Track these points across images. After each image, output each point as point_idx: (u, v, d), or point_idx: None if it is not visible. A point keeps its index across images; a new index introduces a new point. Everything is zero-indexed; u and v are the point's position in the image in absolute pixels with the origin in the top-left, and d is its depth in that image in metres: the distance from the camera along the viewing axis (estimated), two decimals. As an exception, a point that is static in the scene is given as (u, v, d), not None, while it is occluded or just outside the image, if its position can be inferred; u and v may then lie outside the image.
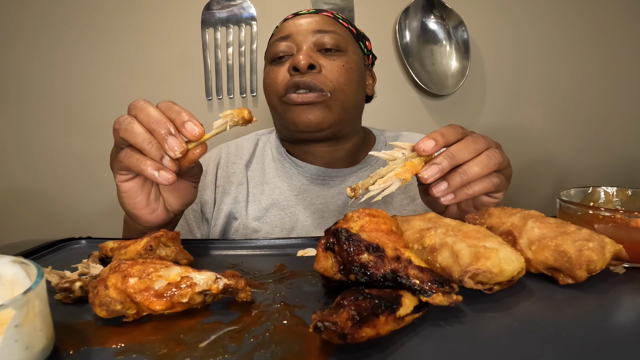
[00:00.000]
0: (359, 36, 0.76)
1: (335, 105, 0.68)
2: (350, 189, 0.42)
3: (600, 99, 1.38)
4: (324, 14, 0.74)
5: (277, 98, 0.70)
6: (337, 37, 0.70)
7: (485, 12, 1.30)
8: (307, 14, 0.73)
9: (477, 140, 0.45)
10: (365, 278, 0.31)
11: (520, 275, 0.34)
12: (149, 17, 1.20)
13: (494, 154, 0.45)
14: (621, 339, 0.28)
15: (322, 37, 0.69)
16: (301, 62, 0.65)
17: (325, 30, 0.70)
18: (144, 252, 0.40)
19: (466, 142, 0.44)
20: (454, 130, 0.45)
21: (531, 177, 1.37)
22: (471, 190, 0.44)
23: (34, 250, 0.49)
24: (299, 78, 0.66)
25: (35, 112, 1.21)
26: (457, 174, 0.43)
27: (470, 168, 0.43)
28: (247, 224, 0.71)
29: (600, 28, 1.35)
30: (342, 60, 0.69)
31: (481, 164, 0.44)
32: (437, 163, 0.42)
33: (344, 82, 0.68)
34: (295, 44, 0.69)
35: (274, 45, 0.71)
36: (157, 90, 1.22)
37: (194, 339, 0.29)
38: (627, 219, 0.40)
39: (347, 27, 0.74)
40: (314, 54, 0.68)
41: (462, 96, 1.32)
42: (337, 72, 0.68)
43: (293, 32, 0.70)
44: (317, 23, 0.70)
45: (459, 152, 0.43)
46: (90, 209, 1.23)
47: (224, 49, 1.21)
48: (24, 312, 0.24)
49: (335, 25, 0.72)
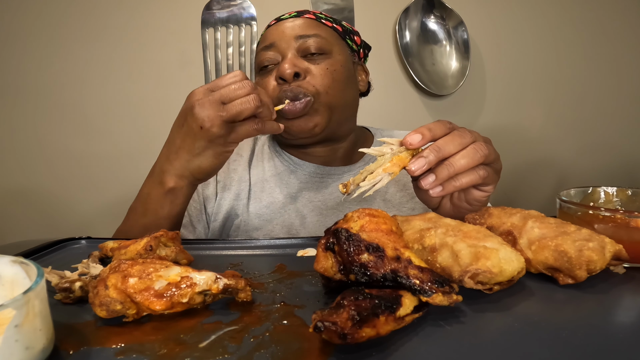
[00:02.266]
0: (345, 33, 0.76)
1: (321, 107, 0.69)
2: (342, 185, 0.43)
3: (600, 99, 1.38)
4: (306, 16, 0.74)
5: None
6: (320, 40, 0.71)
7: (485, 12, 1.30)
8: (288, 19, 0.73)
9: (463, 134, 0.46)
10: (365, 278, 0.31)
11: (520, 275, 0.34)
12: (149, 17, 1.20)
13: (480, 146, 0.45)
14: (621, 339, 0.28)
15: (305, 42, 0.70)
16: (286, 72, 0.67)
17: (308, 34, 0.70)
18: (144, 252, 0.40)
19: (452, 136, 0.45)
20: (441, 124, 0.46)
21: (531, 177, 1.37)
22: (458, 182, 0.45)
23: (34, 250, 0.49)
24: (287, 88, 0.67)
25: (35, 112, 1.21)
26: (444, 166, 0.44)
27: (457, 161, 0.44)
28: (248, 221, 0.72)
29: (600, 28, 1.35)
30: (326, 63, 0.70)
31: (467, 156, 0.45)
32: (424, 156, 0.44)
33: (328, 84, 0.69)
34: (279, 52, 0.71)
35: (260, 54, 0.73)
36: (157, 90, 1.22)
37: (194, 339, 0.29)
38: (627, 219, 0.40)
39: (331, 26, 0.75)
40: (298, 61, 0.69)
41: (462, 96, 1.32)
42: (321, 75, 0.69)
43: (276, 39, 0.71)
44: (300, 28, 0.71)
45: (445, 146, 0.44)
46: (90, 209, 1.23)
47: (224, 49, 1.21)
48: (24, 312, 0.24)
49: (317, 27, 0.73)
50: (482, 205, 0.51)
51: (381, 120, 1.22)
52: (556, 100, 1.36)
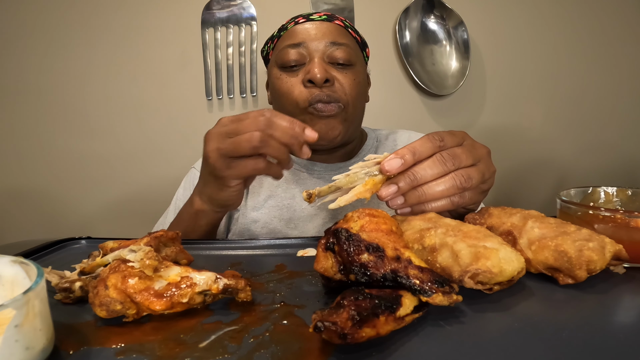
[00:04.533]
0: (363, 45, 0.78)
1: (348, 118, 0.70)
2: (306, 194, 0.41)
3: (600, 98, 1.38)
4: (336, 22, 0.73)
5: (296, 108, 0.70)
6: (349, 50, 0.70)
7: (485, 12, 1.30)
8: (319, 20, 0.72)
9: (447, 160, 0.43)
10: (365, 278, 0.31)
11: (520, 275, 0.34)
12: (149, 17, 1.20)
13: (461, 177, 0.43)
14: (621, 339, 0.28)
15: (335, 50, 0.69)
16: (317, 76, 0.65)
17: (339, 42, 0.69)
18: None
19: (433, 162, 0.43)
20: (429, 143, 0.43)
21: (531, 177, 1.37)
22: (428, 207, 0.43)
23: (34, 250, 0.49)
24: (320, 92, 0.67)
25: (36, 112, 1.21)
26: (416, 192, 0.43)
27: (431, 188, 0.43)
28: (246, 214, 0.74)
29: (600, 28, 1.35)
30: (352, 74, 0.70)
31: (443, 185, 0.43)
32: (396, 183, 0.42)
33: (355, 96, 0.70)
34: (307, 53, 0.69)
35: (286, 51, 0.70)
36: (157, 90, 1.22)
37: (194, 339, 0.29)
38: (627, 219, 0.40)
39: (354, 36, 0.75)
40: (327, 67, 0.68)
41: (462, 96, 1.31)
42: (349, 86, 0.69)
43: (306, 39, 0.69)
44: (331, 34, 0.70)
45: (422, 173, 0.42)
46: (90, 209, 1.23)
47: (224, 49, 1.21)
48: (24, 312, 0.24)
49: (346, 36, 0.72)
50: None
51: (381, 120, 1.22)
52: (556, 100, 1.36)
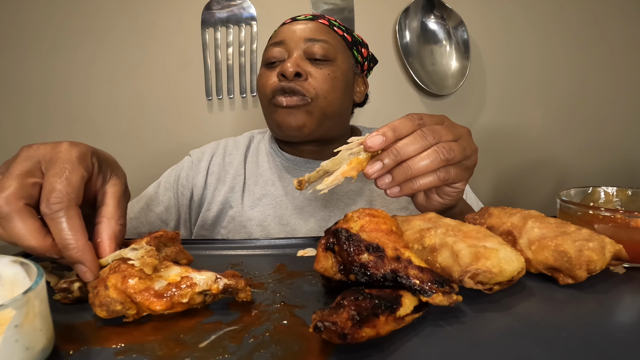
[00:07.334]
0: (354, 44, 0.78)
1: (316, 111, 0.71)
2: (297, 182, 0.43)
3: (600, 99, 1.38)
4: (320, 20, 0.76)
5: (266, 100, 0.74)
6: (327, 46, 0.72)
7: (485, 12, 1.30)
8: (303, 20, 0.76)
9: (427, 134, 0.44)
10: (365, 278, 0.31)
11: (520, 275, 0.34)
12: (150, 18, 1.20)
13: (443, 149, 0.44)
14: (621, 339, 0.28)
15: (312, 45, 0.72)
16: (288, 70, 0.69)
17: (317, 39, 0.72)
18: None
19: (414, 137, 0.44)
20: (408, 122, 0.44)
21: (531, 177, 1.37)
22: (417, 184, 0.45)
23: (34, 250, 0.49)
24: (285, 83, 0.70)
25: (37, 112, 1.21)
26: (402, 168, 0.43)
27: (415, 163, 0.43)
28: (242, 212, 0.75)
29: (599, 28, 1.35)
30: (328, 69, 0.72)
31: (427, 158, 0.44)
32: (381, 160, 0.43)
33: (327, 90, 0.71)
34: (287, 50, 0.73)
35: (268, 49, 0.75)
36: (157, 90, 1.22)
37: (194, 339, 0.29)
38: (627, 219, 0.40)
39: (341, 34, 0.77)
40: (302, 62, 0.71)
41: (462, 96, 1.32)
42: (322, 80, 0.71)
43: (286, 38, 0.73)
44: (310, 31, 0.73)
45: (405, 148, 0.43)
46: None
47: (224, 49, 1.21)
48: (24, 312, 0.24)
49: (328, 33, 0.74)
50: (456, 199, 0.52)
51: (381, 120, 1.22)
52: (556, 100, 1.36)
